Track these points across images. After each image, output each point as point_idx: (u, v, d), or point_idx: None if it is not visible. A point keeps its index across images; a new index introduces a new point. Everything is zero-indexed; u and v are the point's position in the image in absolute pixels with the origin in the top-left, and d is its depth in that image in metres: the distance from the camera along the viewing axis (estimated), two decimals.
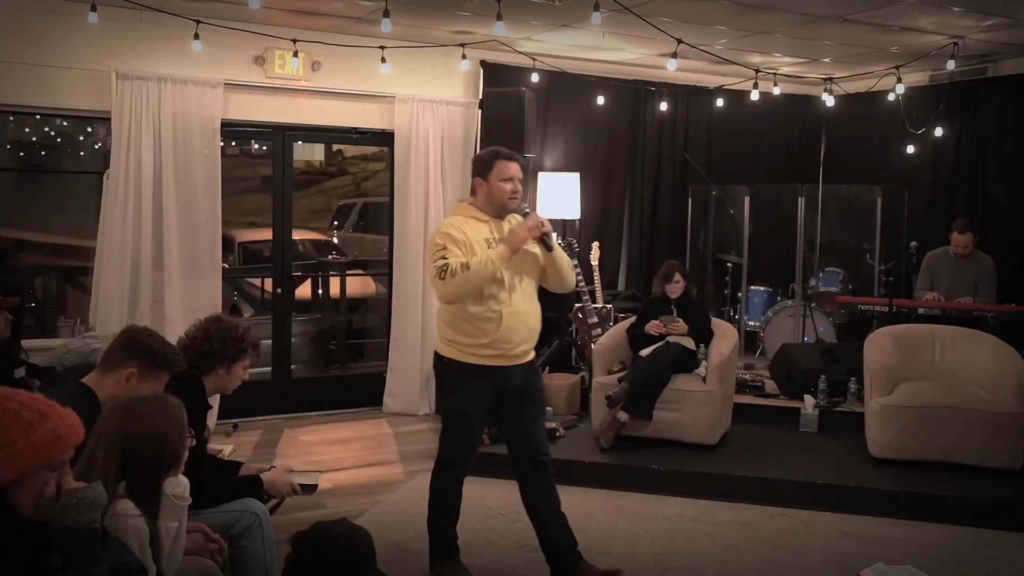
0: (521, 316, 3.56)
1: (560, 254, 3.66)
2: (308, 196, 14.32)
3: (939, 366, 5.48)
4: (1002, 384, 5.07)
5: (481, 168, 3.61)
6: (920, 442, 4.99)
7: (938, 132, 7.28)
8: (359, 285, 8.81)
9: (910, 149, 7.53)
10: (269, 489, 3.25)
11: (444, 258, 3.40)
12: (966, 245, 6.34)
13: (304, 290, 8.42)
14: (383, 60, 6.35)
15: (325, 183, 14.88)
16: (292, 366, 6.88)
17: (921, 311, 6.36)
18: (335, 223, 12.46)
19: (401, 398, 6.82)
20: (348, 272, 9.29)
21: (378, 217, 10.30)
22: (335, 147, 14.36)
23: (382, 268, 7.31)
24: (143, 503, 2.30)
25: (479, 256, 3.41)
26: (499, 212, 3.63)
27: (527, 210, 3.65)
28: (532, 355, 3.74)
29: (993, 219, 7.00)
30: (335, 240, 11.62)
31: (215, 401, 5.51)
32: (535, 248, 3.61)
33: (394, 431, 6.37)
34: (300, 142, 7.34)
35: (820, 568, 4.04)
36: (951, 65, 6.50)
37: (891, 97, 7.24)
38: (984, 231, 6.58)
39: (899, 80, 6.95)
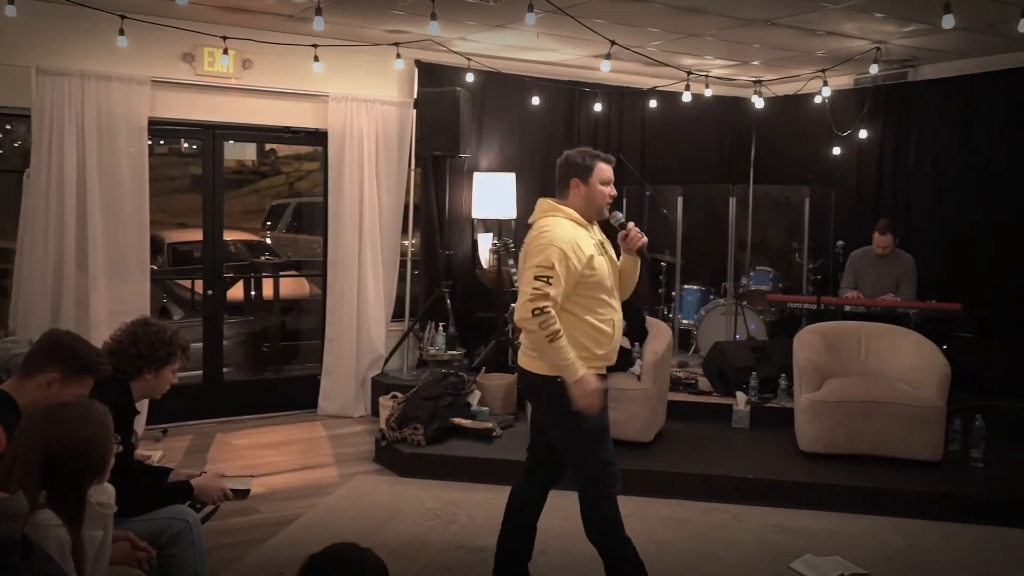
0: (620, 322, 3.46)
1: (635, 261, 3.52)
2: (240, 196, 14.09)
3: (865, 362, 5.64)
4: (924, 378, 5.24)
5: (580, 170, 3.43)
6: (847, 436, 5.13)
7: (863, 134, 7.50)
8: (293, 286, 8.69)
9: (836, 151, 7.73)
10: (200, 495, 3.18)
11: (546, 285, 3.14)
12: (887, 246, 6.54)
13: (236, 292, 8.28)
14: (316, 59, 6.27)
15: (258, 183, 14.66)
16: (224, 369, 6.75)
17: (848, 308, 6.54)
18: (268, 223, 12.27)
19: (336, 400, 6.75)
20: (282, 273, 9.16)
21: (312, 217, 10.18)
22: (268, 146, 14.16)
23: (316, 269, 7.23)
24: (66, 513, 2.23)
25: (568, 351, 3.16)
26: (595, 216, 3.45)
27: (622, 219, 3.51)
28: None
29: (914, 219, 7.22)
30: (268, 241, 11.44)
31: (143, 406, 5.39)
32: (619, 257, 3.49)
33: (329, 434, 6.30)
34: (231, 141, 7.22)
35: (752, 561, 4.12)
36: (874, 69, 6.69)
37: (818, 100, 7.42)
38: (905, 231, 6.79)
39: (825, 83, 7.13)
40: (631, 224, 3.49)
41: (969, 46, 6.42)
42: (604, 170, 3.44)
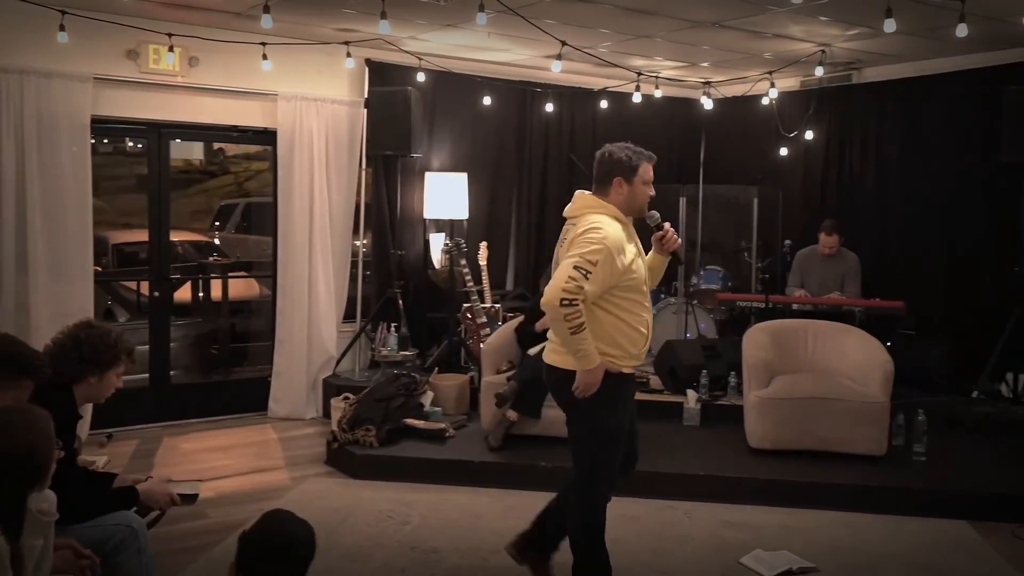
0: (651, 322, 3.47)
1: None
2: (188, 196, 13.86)
3: (812, 359, 5.73)
4: (868, 375, 5.34)
5: (626, 169, 3.39)
6: (795, 432, 5.21)
7: (809, 135, 7.63)
8: (242, 287, 8.58)
9: (783, 151, 7.85)
10: (146, 500, 3.12)
11: (584, 280, 3.11)
12: (833, 246, 6.68)
13: (184, 293, 8.16)
14: (264, 57, 6.19)
15: (206, 183, 14.44)
16: (171, 372, 6.63)
17: (795, 307, 6.65)
18: (216, 224, 12.08)
19: (287, 403, 6.67)
20: (230, 274, 9.04)
21: (261, 217, 10.05)
22: (216, 146, 13.95)
23: (266, 270, 7.14)
24: (4, 521, 2.16)
25: (588, 341, 3.16)
26: (634, 215, 3.44)
27: (659, 219, 3.51)
28: None
29: (858, 219, 7.37)
30: (216, 241, 11.28)
31: (87, 410, 5.27)
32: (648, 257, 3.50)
33: (280, 436, 6.22)
34: (178, 140, 7.09)
35: (703, 557, 4.17)
36: (820, 71, 6.82)
37: (765, 101, 7.54)
38: (850, 230, 6.92)
39: (772, 85, 7.25)
40: (668, 224, 3.51)
41: (910, 50, 6.57)
42: (647, 169, 3.45)
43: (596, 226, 3.24)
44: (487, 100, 7.34)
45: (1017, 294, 6.12)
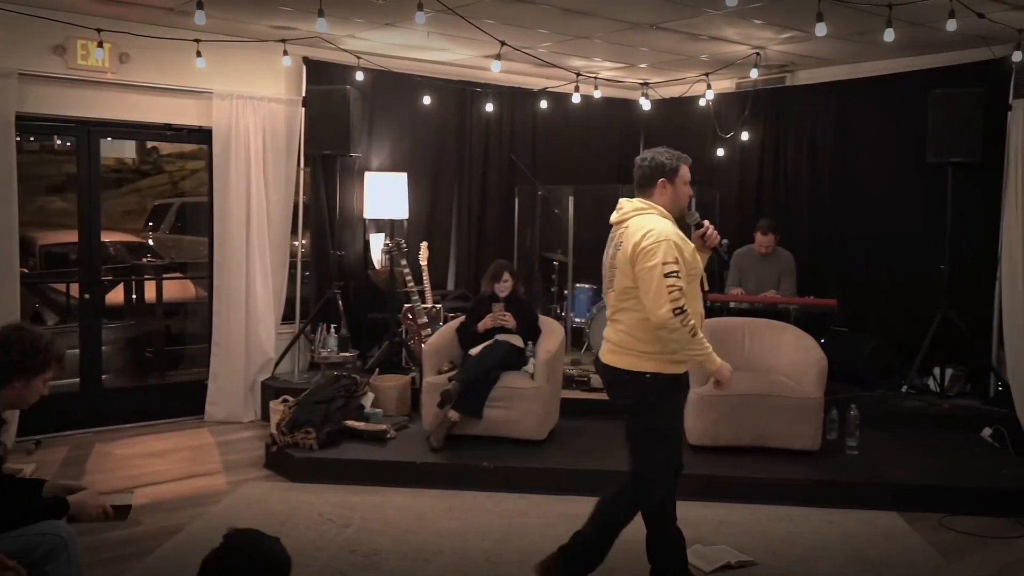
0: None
1: None
2: (120, 196, 13.54)
3: (749, 357, 5.83)
4: (803, 371, 5.46)
5: (668, 171, 3.52)
6: (732, 429, 5.30)
7: (744, 136, 7.77)
8: (177, 289, 8.40)
9: (720, 152, 7.98)
10: (77, 514, 3.02)
11: (678, 279, 3.23)
12: (768, 245, 6.81)
13: (116, 295, 7.96)
14: (198, 54, 6.07)
15: (139, 182, 14.11)
16: (103, 376, 6.46)
17: (732, 305, 6.76)
18: (150, 224, 11.81)
19: (224, 406, 6.55)
20: (165, 276, 8.85)
21: (197, 218, 9.86)
22: (149, 144, 13.63)
23: (202, 271, 7.00)
24: None
25: (705, 343, 3.31)
26: (677, 215, 3.54)
27: (699, 219, 3.63)
28: None
29: (793, 218, 7.53)
30: (150, 242, 11.02)
31: (12, 416, 5.11)
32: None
33: (217, 440, 6.11)
34: (108, 138, 6.91)
35: (643, 553, 4.20)
36: (754, 74, 6.95)
37: (702, 103, 7.65)
38: (785, 229, 7.06)
39: (709, 86, 7.36)
40: (707, 222, 3.63)
41: (841, 53, 6.74)
42: (687, 171, 3.59)
43: (649, 227, 3.35)
44: (427, 100, 7.31)
45: (943, 291, 6.32)
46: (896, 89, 6.82)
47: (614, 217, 3.57)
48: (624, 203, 3.56)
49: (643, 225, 3.36)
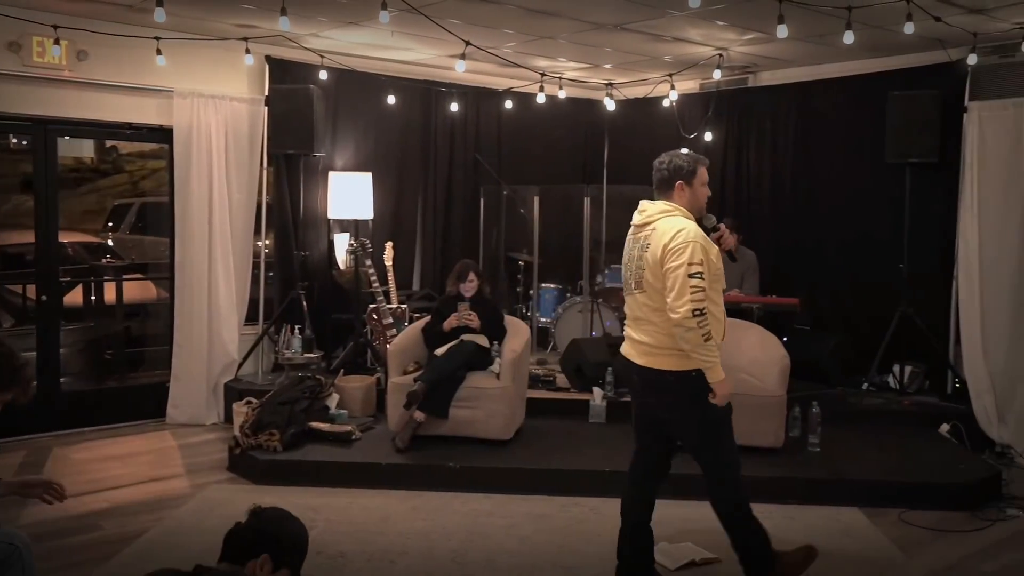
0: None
1: None
2: (79, 195, 13.30)
3: None
4: (767, 370, 5.51)
5: (686, 173, 3.62)
6: None
7: (708, 136, 7.84)
8: (138, 290, 8.28)
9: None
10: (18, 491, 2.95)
11: (702, 281, 3.32)
12: (730, 244, 6.84)
13: (75, 296, 7.81)
14: (159, 52, 5.99)
15: (98, 181, 13.87)
16: (61, 379, 6.35)
17: None
18: (110, 224, 11.63)
19: (186, 408, 6.47)
20: (125, 276, 8.71)
21: (158, 218, 9.72)
22: (109, 143, 13.41)
23: (163, 272, 6.90)
24: None
25: (715, 351, 3.37)
26: (695, 216, 3.61)
27: (715, 221, 3.75)
28: None
29: (755, 218, 7.60)
30: (110, 243, 10.85)
31: None
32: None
33: (179, 443, 6.03)
34: (66, 137, 6.79)
35: (609, 552, 4.21)
36: (717, 74, 7.01)
37: (666, 103, 7.69)
38: (748, 229, 7.13)
39: (672, 87, 7.41)
40: (723, 225, 3.80)
41: (803, 55, 6.82)
42: (704, 173, 3.68)
43: (679, 228, 3.42)
44: (391, 99, 7.28)
45: (902, 290, 6.42)
46: (856, 90, 6.92)
47: (637, 219, 3.63)
48: (647, 205, 3.63)
49: (673, 226, 3.44)
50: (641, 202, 3.68)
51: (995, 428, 5.91)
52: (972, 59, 5.89)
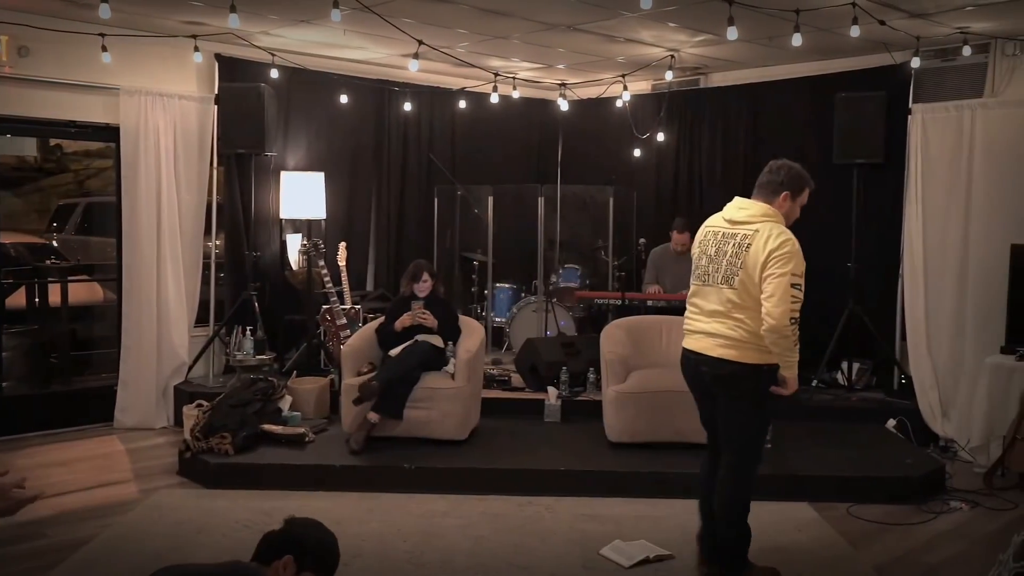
0: None
1: None
2: (22, 195, 12.97)
3: (666, 354, 5.92)
4: None
5: (797, 187, 3.71)
6: (651, 425, 5.38)
7: (660, 137, 7.91)
8: (84, 292, 8.08)
9: (637, 152, 8.10)
10: None
11: (800, 292, 3.51)
12: (683, 243, 6.93)
13: (17, 299, 7.61)
14: (104, 49, 5.87)
15: (41, 181, 13.54)
16: (3, 383, 6.19)
17: (650, 303, 6.87)
18: (54, 225, 11.36)
19: (135, 412, 6.36)
20: (70, 278, 8.51)
21: (105, 218, 9.51)
22: (53, 142, 13.10)
23: (110, 273, 6.77)
24: None
25: (797, 356, 3.61)
26: None
27: None
28: None
29: (707, 217, 7.66)
30: (55, 243, 10.60)
31: None
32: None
33: (127, 447, 5.92)
34: (7, 135, 6.62)
35: (564, 550, 4.24)
36: (669, 76, 7.07)
37: (619, 104, 7.75)
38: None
39: (625, 88, 7.46)
40: None
41: (753, 57, 6.91)
42: (807, 196, 3.79)
43: (787, 237, 3.52)
44: (344, 98, 7.22)
45: (850, 288, 6.54)
46: (804, 92, 7.04)
47: (736, 215, 3.67)
48: (748, 204, 3.68)
49: (780, 232, 3.54)
50: (738, 199, 3.74)
51: (939, 423, 6.06)
52: (915, 62, 6.03)
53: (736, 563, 3.79)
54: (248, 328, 6.58)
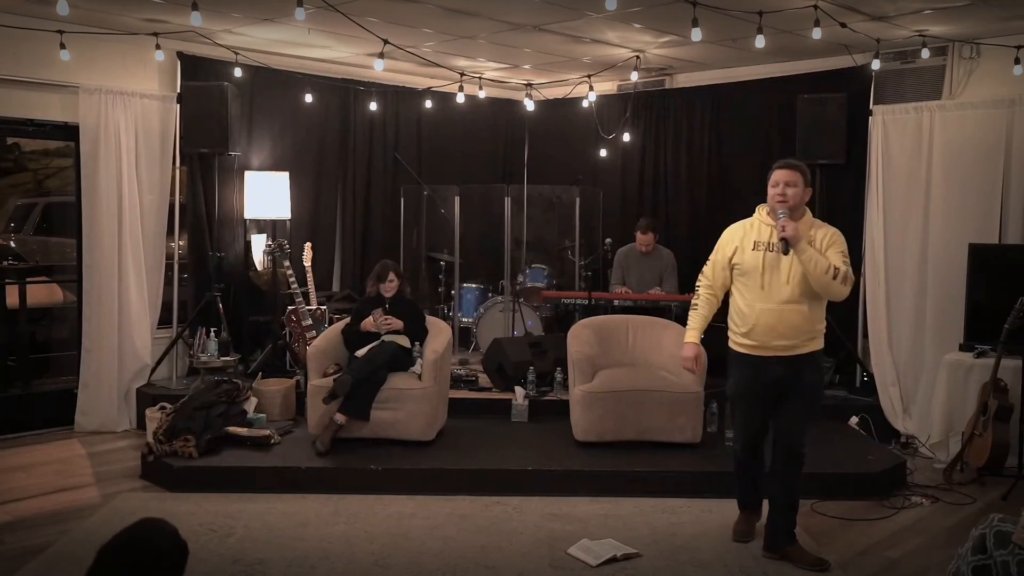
0: (776, 313, 3.95)
1: (806, 260, 3.87)
2: None
3: (632, 353, 5.96)
4: None
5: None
6: (617, 424, 5.40)
7: (626, 137, 7.95)
8: (42, 293, 7.94)
9: (603, 152, 8.13)
10: None
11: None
12: (648, 244, 6.98)
13: None
14: (63, 46, 5.77)
15: None
16: None
17: (616, 303, 6.90)
18: (12, 225, 11.16)
19: (96, 415, 6.26)
20: (29, 279, 8.36)
21: (64, 218, 9.35)
22: (10, 140, 12.86)
23: (70, 274, 6.65)
24: None
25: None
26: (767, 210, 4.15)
27: (781, 214, 3.99)
28: (803, 350, 3.99)
29: (673, 217, 7.75)
30: (12, 244, 10.41)
31: None
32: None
33: (88, 451, 5.82)
34: None
35: (531, 550, 4.25)
36: (635, 76, 7.10)
37: (585, 104, 7.77)
38: (665, 228, 7.26)
39: (591, 88, 7.49)
40: (782, 216, 4.04)
41: (717, 58, 6.97)
42: (773, 176, 4.13)
43: (839, 232, 4.17)
44: (309, 98, 7.16)
45: None
46: (768, 93, 7.11)
47: (797, 204, 4.05)
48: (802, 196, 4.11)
49: (826, 224, 4.13)
50: None
51: (900, 420, 6.16)
52: (876, 64, 6.11)
53: (793, 527, 4.18)
54: (212, 329, 6.51)
